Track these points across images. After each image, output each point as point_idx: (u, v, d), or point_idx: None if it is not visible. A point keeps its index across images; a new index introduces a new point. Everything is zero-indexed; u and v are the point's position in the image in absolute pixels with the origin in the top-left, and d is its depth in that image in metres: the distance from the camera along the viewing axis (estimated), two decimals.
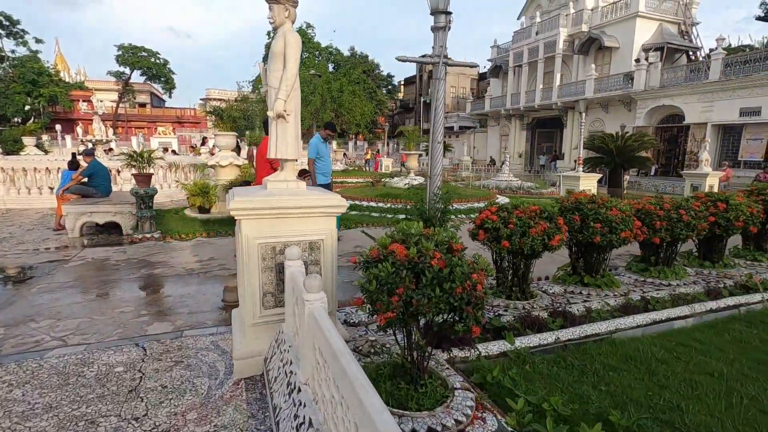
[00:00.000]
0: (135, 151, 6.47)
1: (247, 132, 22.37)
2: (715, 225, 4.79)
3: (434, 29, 3.21)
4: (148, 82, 44.81)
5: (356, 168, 22.54)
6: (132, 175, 6.73)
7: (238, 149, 12.02)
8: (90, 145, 11.62)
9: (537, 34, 27.24)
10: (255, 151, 7.06)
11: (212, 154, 11.11)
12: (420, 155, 13.33)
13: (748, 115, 17.03)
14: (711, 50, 19.44)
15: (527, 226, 3.54)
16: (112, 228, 7.03)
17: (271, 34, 38.27)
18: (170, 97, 45.41)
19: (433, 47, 3.27)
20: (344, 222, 7.55)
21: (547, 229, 3.55)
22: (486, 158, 33.38)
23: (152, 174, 6.72)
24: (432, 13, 3.25)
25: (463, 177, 21.66)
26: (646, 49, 21.99)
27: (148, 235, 6.54)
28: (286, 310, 2.54)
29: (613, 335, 3.32)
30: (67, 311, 3.74)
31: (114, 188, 9.67)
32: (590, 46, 24.67)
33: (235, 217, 2.60)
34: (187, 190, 7.99)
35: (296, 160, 2.99)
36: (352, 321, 3.38)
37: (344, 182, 14.68)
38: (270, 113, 2.80)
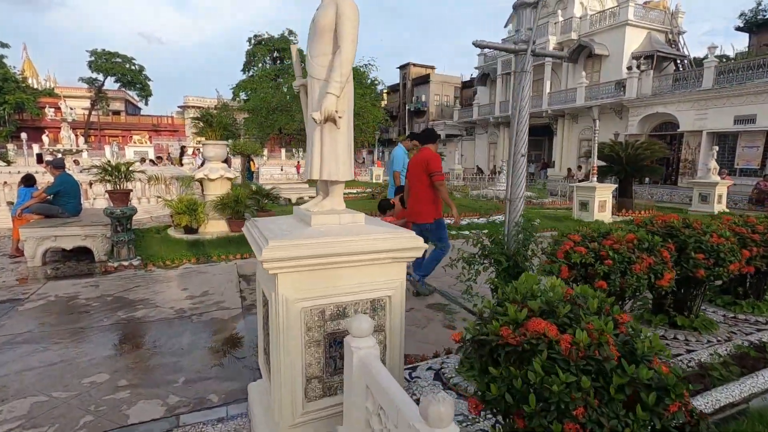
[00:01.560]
0: (110, 163, 5.47)
1: (230, 141, 21.25)
2: None
3: (518, 6, 2.44)
4: (123, 89, 43.02)
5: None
6: (106, 192, 5.72)
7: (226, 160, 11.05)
8: (58, 155, 10.44)
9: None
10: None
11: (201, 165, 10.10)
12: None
13: (743, 123, 16.98)
14: (699, 58, 19.51)
15: (628, 262, 2.77)
16: (83, 254, 5.98)
17: (252, 39, 36.34)
18: (146, 104, 43.72)
19: (516, 30, 2.49)
20: None
21: (653, 265, 2.79)
22: (473, 166, 33.01)
23: (130, 190, 5.72)
24: None
25: (456, 186, 21.07)
26: (636, 57, 21.98)
27: (126, 263, 5.53)
28: (346, 410, 1.67)
29: (750, 403, 2.57)
30: (15, 385, 2.76)
31: (84, 204, 8.56)
32: (580, 53, 24.59)
33: (269, 271, 1.73)
34: (172, 208, 6.99)
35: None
36: None
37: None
38: (315, 116, 1.95)
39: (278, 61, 42.26)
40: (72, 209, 6.33)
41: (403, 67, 51.19)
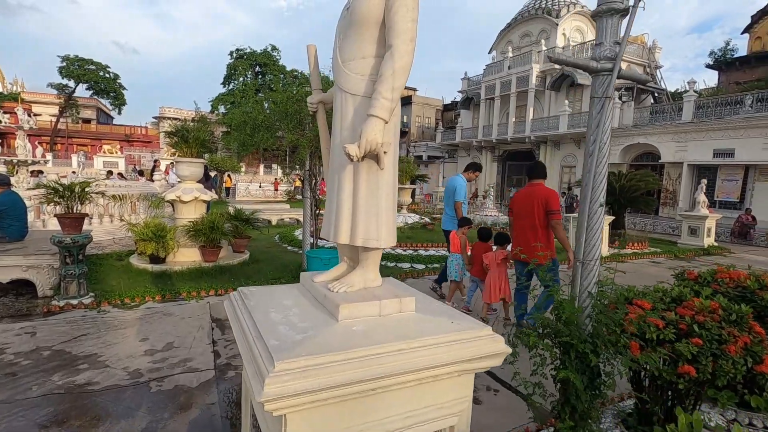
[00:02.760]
0: (59, 184, 4.62)
1: (206, 155, 20.25)
2: None
3: (601, 14, 1.87)
4: (95, 97, 41.28)
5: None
6: (56, 216, 4.85)
7: (206, 178, 10.21)
8: (3, 170, 9.33)
9: (509, 68, 27.43)
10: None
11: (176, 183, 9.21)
12: (413, 189, 12.03)
13: (722, 156, 17.31)
14: (679, 91, 20.03)
15: (719, 341, 2.19)
16: (23, 287, 5.04)
17: (233, 53, 36.16)
18: (120, 113, 42.03)
19: (597, 44, 1.92)
20: None
21: (749, 345, 2.22)
22: None
23: (85, 215, 4.86)
24: None
25: (442, 209, 20.65)
26: (617, 89, 22.43)
27: (75, 302, 4.63)
28: None
29: None
30: None
31: (36, 224, 7.54)
32: (562, 82, 24.99)
33: (275, 413, 1.03)
34: (136, 233, 6.11)
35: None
36: None
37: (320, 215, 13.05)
38: (350, 150, 1.30)
39: (260, 76, 41.67)
40: (15, 233, 5.40)
41: None
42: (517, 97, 27.23)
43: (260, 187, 23.74)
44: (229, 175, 25.14)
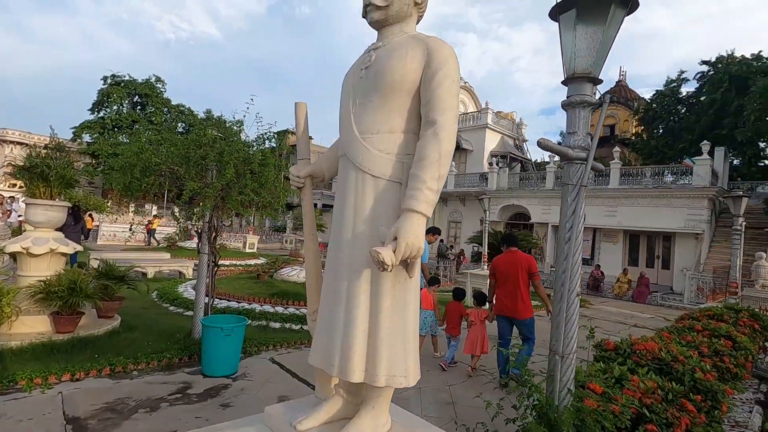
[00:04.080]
0: None
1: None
2: None
3: (571, 105, 1.90)
4: None
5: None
6: None
7: (75, 219, 8.42)
8: None
9: None
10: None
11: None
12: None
13: None
14: (541, 162, 23.54)
15: (668, 423, 2.23)
16: None
17: (108, 79, 32.95)
18: None
19: (570, 132, 1.92)
20: (245, 344, 5.14)
21: (690, 427, 2.30)
22: None
23: None
24: (566, 81, 1.95)
25: None
26: (494, 155, 25.52)
27: None
28: None
29: None
30: None
31: None
32: None
33: None
34: None
35: None
36: None
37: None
38: (383, 257, 0.95)
39: (139, 107, 37.97)
40: None
41: (280, 133, 50.93)
42: None
43: (131, 230, 20.64)
44: (90, 215, 21.44)
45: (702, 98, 23.90)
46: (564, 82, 1.90)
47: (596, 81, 1.90)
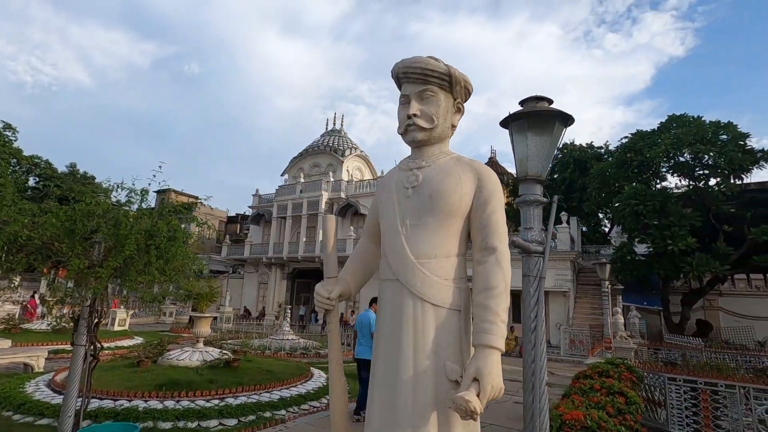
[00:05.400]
0: None
1: None
2: None
3: (526, 204, 2.08)
4: None
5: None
6: None
7: None
8: None
9: (301, 192, 29.42)
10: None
11: None
12: (214, 318, 10.19)
13: None
14: None
15: None
16: None
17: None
18: None
19: (527, 228, 2.07)
20: None
21: None
22: (239, 307, 30.47)
23: None
24: (519, 181, 2.16)
25: (231, 331, 18.41)
26: None
27: None
28: None
29: None
30: None
31: None
32: (347, 210, 28.16)
33: None
34: None
35: None
36: None
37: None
38: (470, 405, 0.87)
39: None
40: None
41: (161, 192, 46.92)
42: (308, 219, 28.92)
43: None
44: None
45: (555, 176, 28.68)
46: (515, 182, 2.11)
47: (543, 182, 2.14)
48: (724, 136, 18.53)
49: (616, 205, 19.80)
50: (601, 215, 29.08)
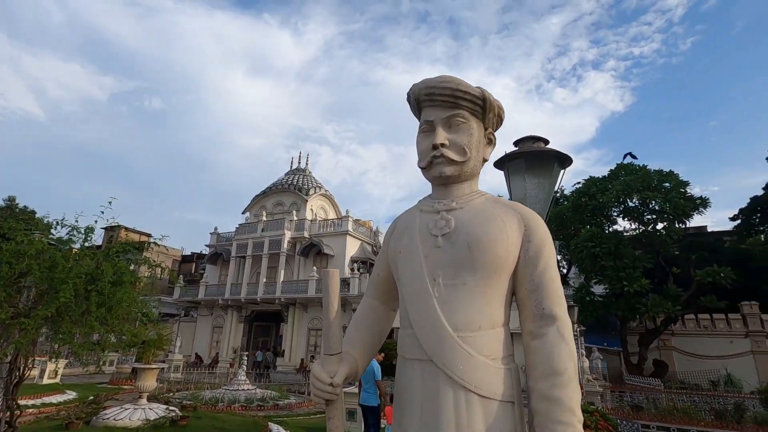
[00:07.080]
0: None
1: None
2: None
3: None
4: None
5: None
6: None
7: None
8: None
9: (263, 230, 28.51)
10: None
11: None
12: (161, 369, 9.16)
13: None
14: None
15: None
16: None
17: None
18: None
19: None
20: None
21: None
22: (190, 353, 28.27)
23: None
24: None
25: (178, 381, 16.81)
26: (354, 261, 26.21)
27: None
28: None
29: None
30: None
31: None
32: (311, 250, 27.45)
33: None
34: None
35: None
36: None
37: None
38: None
39: None
40: None
41: (110, 229, 44.18)
42: (269, 259, 27.89)
43: None
44: None
45: None
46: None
47: None
48: (667, 184, 19.92)
49: (573, 247, 20.49)
50: (559, 257, 30.14)
